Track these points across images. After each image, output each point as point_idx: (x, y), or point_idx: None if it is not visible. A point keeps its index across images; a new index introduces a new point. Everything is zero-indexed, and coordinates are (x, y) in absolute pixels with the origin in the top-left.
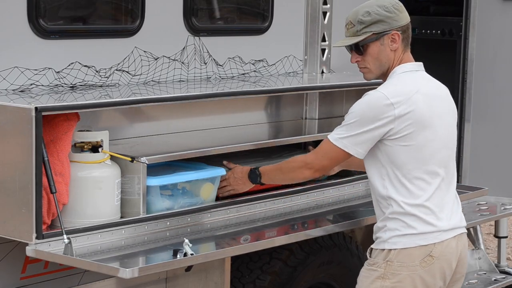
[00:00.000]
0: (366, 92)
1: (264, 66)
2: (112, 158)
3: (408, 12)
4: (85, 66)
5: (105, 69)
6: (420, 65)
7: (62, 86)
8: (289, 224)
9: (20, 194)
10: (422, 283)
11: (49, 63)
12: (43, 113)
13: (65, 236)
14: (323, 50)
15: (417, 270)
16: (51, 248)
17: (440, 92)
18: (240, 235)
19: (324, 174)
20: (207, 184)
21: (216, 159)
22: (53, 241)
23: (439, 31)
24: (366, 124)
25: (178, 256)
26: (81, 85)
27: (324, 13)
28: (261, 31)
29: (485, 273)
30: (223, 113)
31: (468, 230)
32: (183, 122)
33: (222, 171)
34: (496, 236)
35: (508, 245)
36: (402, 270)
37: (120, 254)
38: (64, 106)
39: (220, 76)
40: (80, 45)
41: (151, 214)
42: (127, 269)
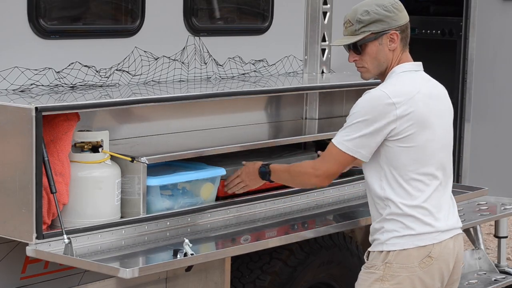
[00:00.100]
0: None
1: (264, 66)
2: (112, 158)
3: (408, 12)
4: (85, 66)
5: (105, 69)
6: (419, 65)
7: (62, 86)
8: (289, 224)
9: (20, 194)
10: (421, 284)
11: (49, 63)
12: (43, 113)
13: (65, 236)
14: (323, 50)
15: (416, 271)
16: (51, 248)
17: (438, 92)
18: (240, 235)
19: (331, 181)
20: (207, 184)
21: (216, 159)
22: (53, 241)
23: (439, 31)
24: (368, 125)
25: (178, 256)
26: (81, 85)
27: (324, 13)
28: (261, 31)
29: (485, 273)
30: (223, 113)
31: (468, 230)
32: (183, 122)
33: (222, 171)
34: (496, 236)
35: (508, 245)
36: (401, 272)
37: (120, 254)
38: (64, 106)
39: (220, 76)
40: (80, 45)
41: (151, 214)
42: (127, 269)
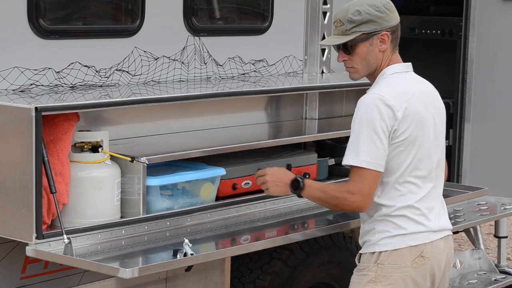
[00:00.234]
0: (362, 96)
1: (264, 66)
2: (112, 158)
3: (408, 12)
4: (85, 66)
5: (105, 69)
6: (409, 65)
7: (62, 86)
8: (289, 224)
9: (20, 194)
10: (413, 284)
11: (49, 63)
12: (43, 113)
13: (65, 236)
14: (323, 50)
15: (409, 271)
16: (51, 248)
17: (431, 93)
18: (240, 235)
19: (371, 200)
20: (207, 184)
21: (216, 159)
22: (53, 241)
23: (439, 31)
24: (376, 132)
25: (178, 256)
26: (81, 85)
27: (324, 13)
28: (261, 31)
29: (485, 273)
30: (223, 113)
31: (468, 230)
32: (183, 122)
33: (222, 171)
34: (496, 236)
35: (508, 245)
36: (393, 272)
37: (120, 254)
38: (64, 106)
39: (220, 76)
40: (80, 45)
41: (151, 214)
42: (127, 269)
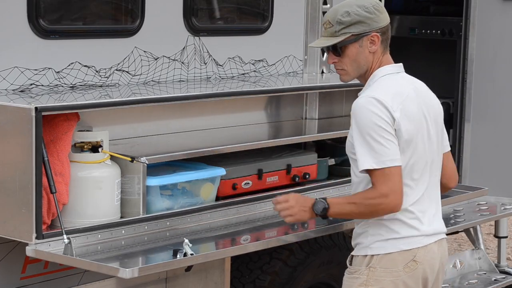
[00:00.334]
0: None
1: (264, 66)
2: (112, 158)
3: (408, 12)
4: (85, 66)
5: (105, 69)
6: (400, 66)
7: (62, 86)
8: (289, 224)
9: (20, 194)
10: None
11: (49, 63)
12: (43, 113)
13: (65, 236)
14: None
15: (401, 276)
16: (51, 248)
17: (423, 93)
18: (240, 235)
19: (402, 197)
20: (207, 184)
21: (216, 159)
22: (53, 241)
23: (439, 31)
24: (378, 130)
25: (178, 256)
26: (81, 85)
27: (324, 13)
28: (261, 31)
29: (485, 273)
30: (223, 113)
31: (468, 230)
32: (183, 122)
33: (222, 171)
34: (496, 236)
35: (508, 245)
36: (385, 276)
37: (120, 254)
38: (64, 106)
39: (220, 76)
40: (80, 45)
41: (151, 214)
42: (127, 269)
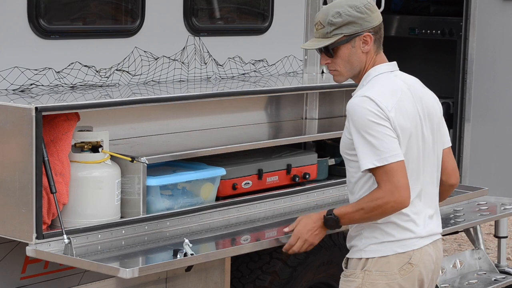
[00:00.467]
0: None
1: (264, 66)
2: (112, 158)
3: (408, 12)
4: (85, 66)
5: (105, 69)
6: (394, 65)
7: (62, 86)
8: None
9: (20, 194)
10: None
11: (49, 63)
12: (43, 113)
13: (65, 236)
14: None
15: (396, 279)
16: (51, 248)
17: (417, 91)
18: (240, 235)
19: (409, 191)
20: (207, 184)
21: (216, 159)
22: (53, 241)
23: (439, 31)
24: (375, 127)
25: (178, 256)
26: (81, 85)
27: None
28: (261, 31)
29: (485, 273)
30: (223, 113)
31: (468, 230)
32: (183, 122)
33: (222, 171)
34: (496, 236)
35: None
36: (380, 279)
37: (120, 254)
38: (64, 106)
39: (220, 76)
40: (80, 45)
41: (151, 214)
42: (127, 269)
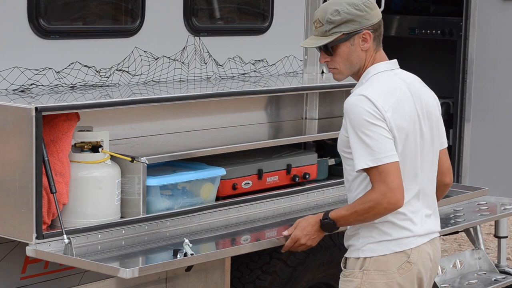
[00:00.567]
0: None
1: (264, 66)
2: (112, 158)
3: (408, 12)
4: (85, 66)
5: (105, 69)
6: (394, 63)
7: (62, 86)
8: (289, 224)
9: (20, 194)
10: None
11: (49, 63)
12: (43, 113)
13: (65, 236)
14: None
15: (395, 278)
16: (51, 248)
17: (417, 89)
18: (240, 235)
19: (402, 192)
20: (207, 184)
21: (216, 159)
22: (53, 241)
23: (439, 31)
24: (371, 127)
25: (178, 256)
26: (81, 85)
27: None
28: (261, 31)
29: (485, 273)
30: (223, 113)
31: (468, 230)
32: (183, 122)
33: (222, 171)
34: (496, 236)
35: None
36: (379, 279)
37: (120, 254)
38: (64, 106)
39: (220, 76)
40: (80, 45)
41: (151, 214)
42: (127, 269)
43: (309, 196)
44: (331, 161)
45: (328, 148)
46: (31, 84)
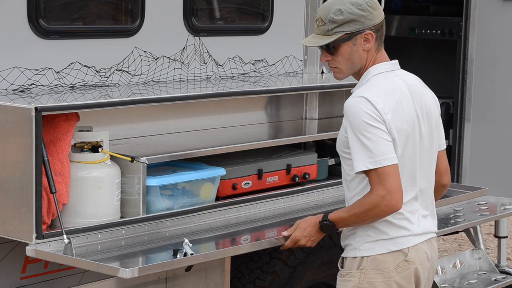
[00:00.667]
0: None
1: (264, 66)
2: (112, 158)
3: (408, 12)
4: (85, 66)
5: (105, 69)
6: (394, 64)
7: (62, 86)
8: (289, 224)
9: (20, 194)
10: None
11: (49, 63)
12: (43, 113)
13: (65, 236)
14: None
15: (393, 277)
16: (51, 248)
17: (417, 90)
18: (240, 235)
19: (401, 194)
20: (207, 184)
21: (216, 159)
22: (53, 241)
23: (439, 31)
24: (370, 129)
25: (178, 256)
26: (81, 85)
27: None
28: (261, 31)
29: (485, 273)
30: (223, 113)
31: (468, 230)
32: (183, 122)
33: (222, 171)
34: (496, 236)
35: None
36: (377, 278)
37: (120, 254)
38: (64, 106)
39: (220, 76)
40: (80, 45)
41: (151, 214)
42: (127, 269)
43: (309, 196)
44: (331, 161)
45: (328, 148)
46: (31, 84)
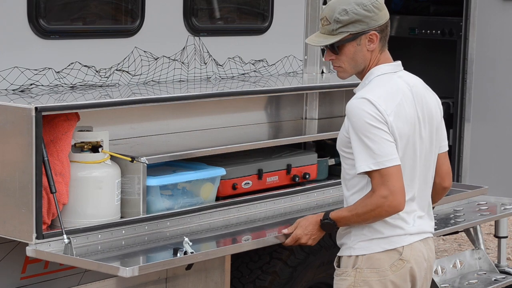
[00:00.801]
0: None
1: (264, 66)
2: (112, 158)
3: (408, 12)
4: (85, 66)
5: (105, 69)
6: (397, 65)
7: (62, 86)
8: (289, 224)
9: (20, 194)
10: (394, 287)
11: (49, 63)
12: (43, 113)
13: (65, 236)
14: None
15: (388, 275)
16: (51, 248)
17: (420, 91)
18: (240, 235)
19: (404, 195)
20: (207, 184)
21: (216, 159)
22: (53, 241)
23: (439, 31)
24: (373, 130)
25: (178, 254)
26: (81, 85)
27: None
28: (261, 31)
29: (485, 273)
30: (223, 113)
31: (468, 230)
32: (183, 122)
33: (222, 171)
34: (496, 236)
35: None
36: (372, 276)
37: (120, 254)
38: (64, 106)
39: (220, 76)
40: (80, 45)
41: (151, 214)
42: (127, 268)
43: (309, 196)
44: (331, 161)
45: (328, 148)
46: (31, 84)
